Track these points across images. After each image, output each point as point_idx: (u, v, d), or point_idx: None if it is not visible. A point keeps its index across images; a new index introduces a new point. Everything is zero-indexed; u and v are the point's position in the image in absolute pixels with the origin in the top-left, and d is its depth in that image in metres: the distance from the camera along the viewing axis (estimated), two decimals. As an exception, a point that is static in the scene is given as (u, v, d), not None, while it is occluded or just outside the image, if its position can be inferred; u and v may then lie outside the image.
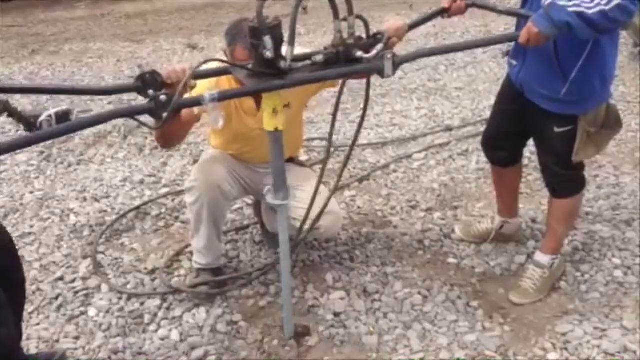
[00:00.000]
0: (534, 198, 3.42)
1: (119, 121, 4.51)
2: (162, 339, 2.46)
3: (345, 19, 2.01)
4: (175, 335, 2.47)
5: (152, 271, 2.86)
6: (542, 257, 2.68)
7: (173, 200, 3.46)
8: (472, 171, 3.73)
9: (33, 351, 2.39)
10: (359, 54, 2.04)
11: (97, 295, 2.71)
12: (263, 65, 1.95)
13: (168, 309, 2.62)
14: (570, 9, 2.07)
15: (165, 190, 3.55)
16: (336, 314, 2.56)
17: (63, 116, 1.76)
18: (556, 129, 2.42)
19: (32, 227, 3.25)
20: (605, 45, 2.28)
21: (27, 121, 1.75)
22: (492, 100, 4.72)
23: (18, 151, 4.06)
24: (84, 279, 2.81)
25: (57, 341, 2.46)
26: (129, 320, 2.56)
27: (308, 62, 2.03)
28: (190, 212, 2.60)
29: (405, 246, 3.03)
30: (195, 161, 3.67)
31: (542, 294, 2.65)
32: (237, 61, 2.30)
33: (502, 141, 2.76)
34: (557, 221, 2.64)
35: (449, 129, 4.31)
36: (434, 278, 2.78)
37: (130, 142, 4.21)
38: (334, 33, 2.04)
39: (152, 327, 2.52)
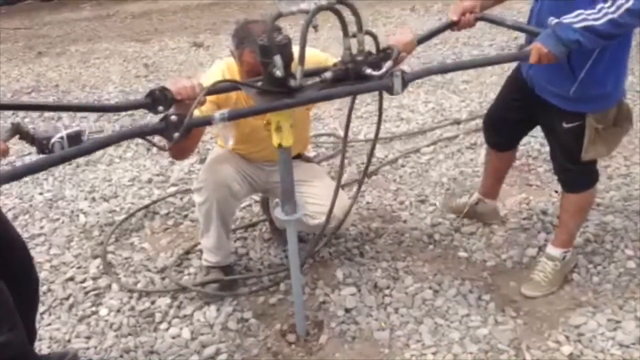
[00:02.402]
0: (545, 190, 3.39)
1: (127, 121, 4.52)
2: (174, 338, 2.46)
3: (354, 36, 1.99)
4: (186, 334, 2.47)
5: (162, 270, 2.86)
6: (553, 250, 2.66)
7: (181, 198, 3.45)
8: (481, 164, 3.70)
9: (45, 351, 2.39)
10: (368, 71, 2.02)
11: (108, 295, 2.71)
12: (273, 84, 1.95)
13: (179, 307, 2.62)
14: (577, 25, 2.06)
15: (173, 189, 3.56)
16: (347, 310, 2.55)
17: (75, 137, 1.75)
18: (565, 125, 2.39)
19: (42, 228, 3.26)
20: (616, 45, 2.23)
21: (40, 143, 1.75)
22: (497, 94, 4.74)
23: (27, 153, 4.08)
24: (94, 278, 2.82)
25: (69, 341, 2.46)
26: (139, 320, 2.56)
27: (317, 79, 2.01)
28: (200, 212, 2.60)
29: (415, 241, 3.01)
30: (203, 160, 3.67)
31: (555, 287, 2.62)
32: (245, 64, 2.29)
33: (501, 126, 2.77)
34: (569, 215, 2.61)
35: (456, 122, 4.28)
36: (445, 272, 2.77)
37: (137, 142, 4.21)
38: (343, 49, 2.03)
39: (163, 326, 2.52)
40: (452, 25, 2.44)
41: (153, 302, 2.65)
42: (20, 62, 6.24)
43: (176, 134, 1.82)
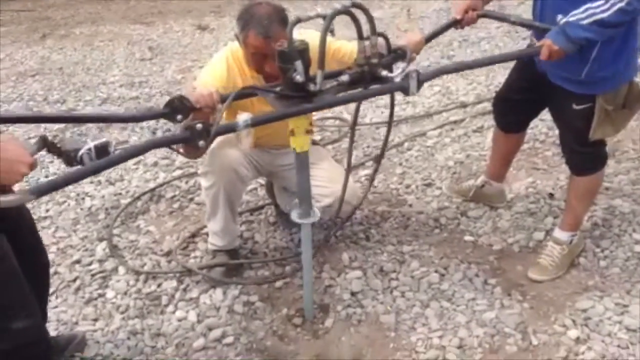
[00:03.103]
0: (552, 174, 3.37)
1: (131, 104, 4.51)
2: (180, 320, 2.47)
3: (368, 38, 2.02)
4: (192, 317, 2.47)
5: (168, 253, 2.86)
6: (561, 234, 2.65)
7: (187, 182, 3.45)
8: (488, 148, 3.67)
9: (53, 333, 2.40)
10: (384, 73, 2.05)
11: (114, 277, 2.72)
12: (291, 88, 1.97)
13: (185, 290, 2.62)
14: (586, 21, 2.09)
15: (178, 173, 3.55)
16: (353, 294, 2.55)
17: (102, 148, 1.75)
18: (575, 106, 2.37)
19: (48, 211, 3.26)
20: (626, 24, 2.18)
21: (67, 155, 1.76)
22: (507, 75, 4.70)
23: (32, 136, 4.08)
24: (100, 261, 2.82)
25: (76, 323, 2.47)
26: (146, 302, 2.57)
27: (334, 82, 2.02)
28: (206, 196, 2.59)
29: (421, 224, 3.00)
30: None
31: (561, 271, 2.62)
32: (250, 46, 2.27)
33: (511, 108, 2.75)
34: (576, 198, 2.60)
35: (463, 105, 4.25)
36: (451, 256, 2.76)
37: (142, 125, 4.20)
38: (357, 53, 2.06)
39: (169, 309, 2.53)
40: (456, 24, 2.52)
41: (159, 285, 2.65)
42: (24, 45, 6.21)
43: (201, 142, 1.84)
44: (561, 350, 2.25)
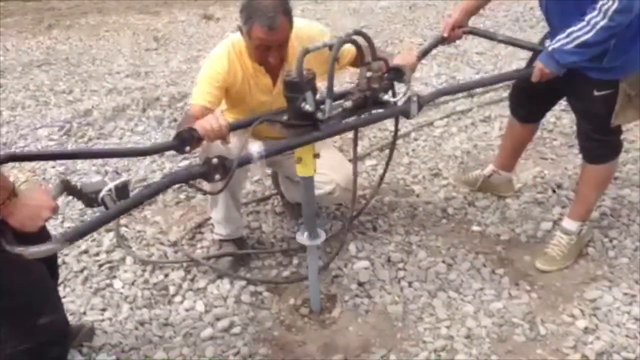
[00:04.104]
0: (560, 164, 3.35)
1: (137, 94, 4.51)
2: (188, 310, 2.47)
3: (369, 63, 2.08)
4: (200, 306, 2.48)
5: (175, 243, 2.86)
6: (570, 224, 2.63)
7: (193, 172, 3.44)
8: (495, 137, 3.67)
9: (61, 323, 2.42)
10: (386, 97, 2.12)
11: (122, 268, 2.72)
12: (299, 117, 2.00)
13: (192, 280, 2.63)
14: (571, 46, 2.18)
15: (185, 163, 3.54)
16: (360, 284, 2.55)
17: (122, 188, 1.78)
18: (595, 92, 2.35)
19: (55, 201, 3.26)
20: None
21: (88, 197, 1.77)
22: (514, 65, 4.66)
23: (39, 126, 4.09)
24: (108, 251, 2.83)
25: (84, 313, 2.48)
26: (154, 292, 2.57)
27: (339, 108, 2.05)
28: (207, 185, 2.58)
29: (429, 214, 2.99)
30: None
31: (569, 261, 2.61)
32: (255, 39, 2.26)
33: (528, 98, 2.73)
34: (589, 187, 2.58)
35: (470, 95, 4.23)
36: (458, 246, 2.76)
37: (149, 115, 4.20)
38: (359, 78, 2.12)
39: (177, 299, 2.53)
40: (444, 41, 2.66)
41: (167, 275, 2.66)
42: (30, 35, 6.21)
43: (217, 176, 1.88)
44: (569, 340, 2.24)
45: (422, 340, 2.27)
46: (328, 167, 2.51)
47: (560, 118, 3.77)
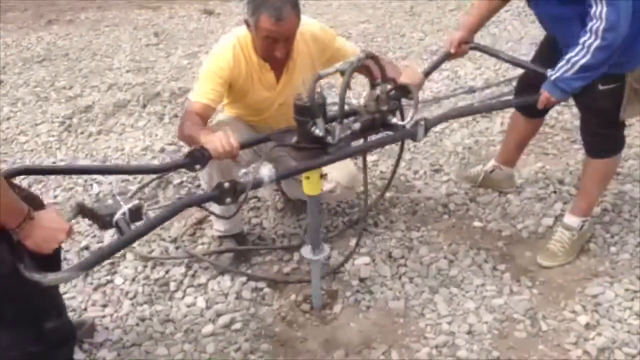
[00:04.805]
0: (561, 159, 3.34)
1: (137, 90, 4.50)
2: (189, 306, 2.47)
3: (378, 84, 2.12)
4: (201, 303, 2.47)
5: (176, 239, 2.86)
6: (571, 219, 2.63)
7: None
8: (496, 133, 3.66)
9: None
10: (394, 120, 2.16)
11: (123, 264, 2.72)
12: (308, 140, 2.05)
13: (193, 276, 2.63)
14: (572, 72, 2.20)
15: (186, 158, 3.53)
16: (361, 280, 2.55)
17: (136, 211, 1.81)
18: (600, 87, 2.33)
19: (56, 197, 3.26)
20: None
21: (103, 220, 1.80)
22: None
23: (39, 122, 4.08)
24: (109, 248, 2.82)
25: (85, 309, 2.48)
26: (154, 288, 2.57)
27: (347, 131, 2.09)
28: (202, 179, 2.57)
29: (430, 210, 2.99)
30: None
31: (571, 257, 2.60)
32: (262, 30, 2.25)
33: (534, 92, 2.69)
34: (592, 182, 2.58)
35: (471, 90, 4.21)
36: (460, 242, 2.75)
37: (149, 111, 4.19)
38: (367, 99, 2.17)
39: (178, 295, 2.53)
40: (449, 57, 2.71)
41: (167, 271, 2.65)
42: (30, 31, 6.19)
43: (228, 199, 1.92)
44: (571, 336, 2.24)
45: (424, 336, 2.27)
46: (330, 165, 2.50)
47: (562, 113, 3.76)
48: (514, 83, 3.87)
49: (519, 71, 4.25)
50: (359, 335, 2.30)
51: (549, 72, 2.31)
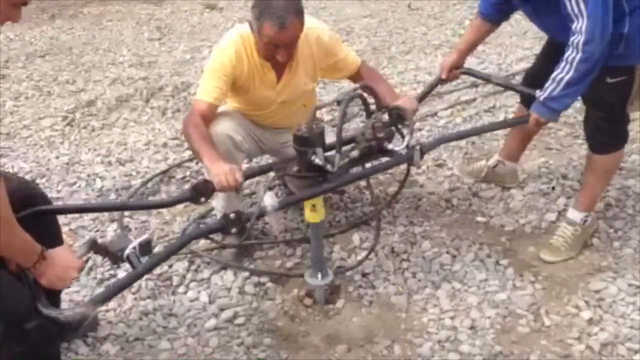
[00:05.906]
0: (565, 154, 3.34)
1: (140, 84, 4.50)
2: (192, 301, 2.47)
3: (374, 113, 2.23)
4: (204, 297, 2.48)
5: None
6: (575, 214, 2.62)
7: (197, 162, 3.44)
8: (500, 128, 3.65)
9: (65, 314, 2.42)
10: (390, 146, 2.23)
11: (126, 259, 2.72)
12: (309, 169, 2.13)
13: (196, 271, 2.63)
14: (559, 89, 2.23)
15: (188, 153, 3.53)
16: (364, 275, 2.55)
17: (146, 245, 1.88)
18: (608, 80, 2.32)
19: (59, 192, 3.27)
20: None
21: (114, 255, 1.87)
22: (519, 54, 4.63)
23: (42, 117, 4.08)
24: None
25: (89, 304, 2.48)
26: (158, 283, 2.57)
27: (346, 159, 2.15)
28: (206, 172, 2.57)
29: (433, 205, 2.98)
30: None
31: (574, 252, 2.60)
32: (265, 37, 2.27)
33: (539, 86, 2.69)
34: (595, 177, 2.57)
35: (474, 85, 4.20)
36: (463, 237, 2.75)
37: (152, 106, 4.19)
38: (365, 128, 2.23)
39: (181, 289, 2.54)
40: (441, 82, 2.83)
41: (170, 266, 2.65)
42: (33, 25, 6.19)
43: (233, 229, 2.00)
44: (574, 331, 2.24)
45: (426, 331, 2.27)
46: None
47: (566, 108, 3.75)
48: (517, 78, 3.88)
49: (523, 65, 4.30)
50: (362, 330, 2.30)
51: (538, 92, 2.33)
